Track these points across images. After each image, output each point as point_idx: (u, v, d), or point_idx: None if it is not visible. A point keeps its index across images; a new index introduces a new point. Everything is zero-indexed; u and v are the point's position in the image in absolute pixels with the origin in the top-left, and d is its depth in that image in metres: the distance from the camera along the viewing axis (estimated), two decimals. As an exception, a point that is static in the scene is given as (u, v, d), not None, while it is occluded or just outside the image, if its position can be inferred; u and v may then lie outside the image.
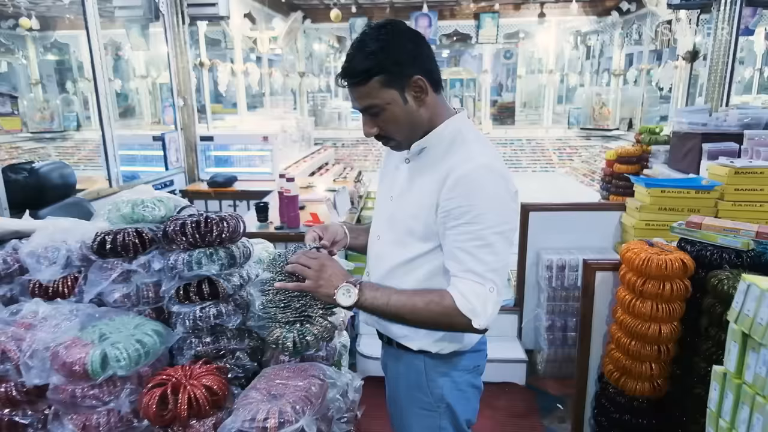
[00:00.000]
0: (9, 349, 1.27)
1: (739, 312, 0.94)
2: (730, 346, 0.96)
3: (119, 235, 1.45)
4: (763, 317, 0.85)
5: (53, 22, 9.15)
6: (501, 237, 1.15)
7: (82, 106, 10.36)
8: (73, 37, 9.63)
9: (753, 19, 7.23)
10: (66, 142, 9.63)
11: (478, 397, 1.43)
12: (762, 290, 0.88)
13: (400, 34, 1.15)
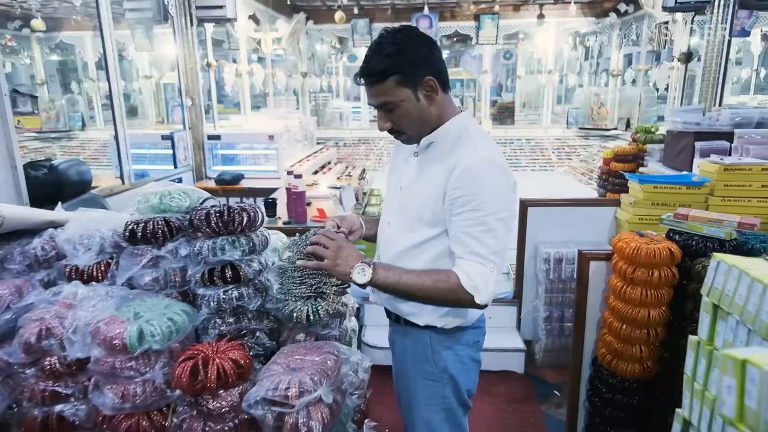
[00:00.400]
0: (53, 326, 1.39)
1: (710, 286, 1.06)
2: (703, 317, 1.08)
3: (149, 223, 1.57)
4: (729, 289, 0.98)
5: (59, 23, 9.28)
6: (502, 223, 1.28)
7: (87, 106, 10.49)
8: (78, 38, 9.75)
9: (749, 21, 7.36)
10: (71, 141, 9.76)
11: (477, 370, 1.55)
12: (729, 265, 1.00)
13: (414, 39, 1.28)
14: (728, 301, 0.99)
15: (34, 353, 1.40)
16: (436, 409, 1.48)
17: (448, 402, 1.48)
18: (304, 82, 9.18)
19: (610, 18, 8.18)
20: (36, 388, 1.40)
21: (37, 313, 1.43)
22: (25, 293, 1.51)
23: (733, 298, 0.97)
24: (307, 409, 1.35)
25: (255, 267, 1.62)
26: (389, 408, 2.68)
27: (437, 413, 1.49)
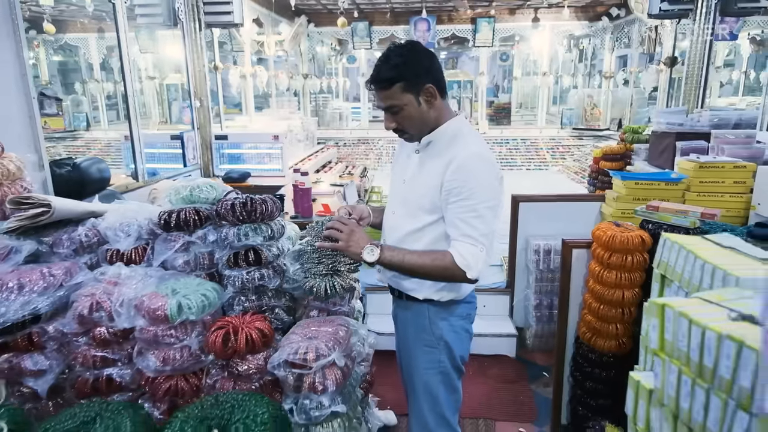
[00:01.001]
0: (102, 301, 1.61)
1: (659, 260, 1.28)
2: (653, 286, 1.30)
3: (181, 213, 1.79)
4: (672, 260, 1.20)
5: (64, 25, 9.46)
6: (490, 210, 1.51)
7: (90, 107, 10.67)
8: (82, 40, 9.93)
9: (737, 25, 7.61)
10: (76, 141, 9.94)
11: (469, 340, 1.77)
12: (672, 242, 1.22)
13: (417, 52, 1.52)
14: (671, 271, 1.22)
15: (86, 324, 1.62)
16: (434, 372, 1.71)
17: (444, 366, 1.71)
18: (305, 84, 9.40)
19: (602, 22, 8.42)
20: (87, 354, 1.62)
21: (87, 290, 1.65)
22: (74, 274, 1.72)
23: (674, 268, 1.20)
24: (322, 370, 1.58)
25: (274, 251, 1.84)
26: (392, 388, 2.91)
27: (435, 376, 1.71)
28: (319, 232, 1.66)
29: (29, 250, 1.74)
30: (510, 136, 9.31)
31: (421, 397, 1.76)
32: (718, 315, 0.84)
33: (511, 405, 2.89)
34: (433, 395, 1.73)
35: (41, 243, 1.80)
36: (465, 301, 1.71)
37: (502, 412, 2.82)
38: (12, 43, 2.82)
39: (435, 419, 1.74)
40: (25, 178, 2.10)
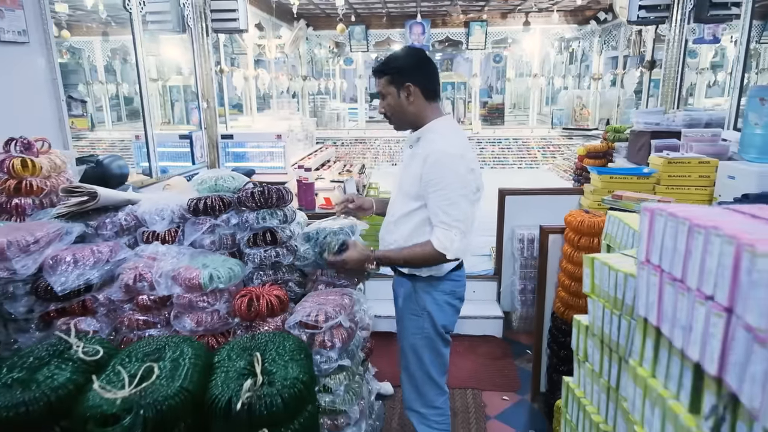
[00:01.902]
0: (144, 273, 1.90)
1: (606, 233, 1.59)
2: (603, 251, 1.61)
3: (207, 199, 2.08)
4: (613, 232, 1.50)
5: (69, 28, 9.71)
6: (463, 197, 1.80)
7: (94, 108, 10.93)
8: (87, 42, 10.19)
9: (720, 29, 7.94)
10: (80, 141, 10.19)
11: (454, 312, 2.05)
12: (614, 217, 1.52)
13: (409, 56, 1.85)
14: (613, 240, 1.52)
15: (130, 292, 1.91)
16: (419, 336, 2.02)
17: (428, 332, 2.01)
18: (304, 85, 9.69)
19: (590, 25, 8.75)
20: (132, 318, 1.91)
21: (131, 264, 1.94)
22: (117, 251, 2.01)
23: (615, 237, 1.50)
24: (330, 330, 1.88)
25: (287, 233, 2.14)
26: (389, 364, 3.21)
27: (420, 340, 2.02)
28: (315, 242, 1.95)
29: (78, 232, 2.04)
30: (502, 135, 9.62)
31: (410, 357, 2.07)
32: (629, 263, 1.14)
33: (496, 377, 3.20)
34: (418, 356, 2.04)
35: (87, 226, 2.09)
36: (449, 279, 1.99)
37: (488, 384, 3.13)
38: (44, 50, 3.11)
39: (422, 377, 2.06)
40: (68, 171, 2.39)
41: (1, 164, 2.15)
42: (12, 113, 2.88)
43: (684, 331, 0.76)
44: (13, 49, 2.86)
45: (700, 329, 0.71)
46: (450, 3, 7.91)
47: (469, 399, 2.98)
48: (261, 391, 1.10)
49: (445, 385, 2.15)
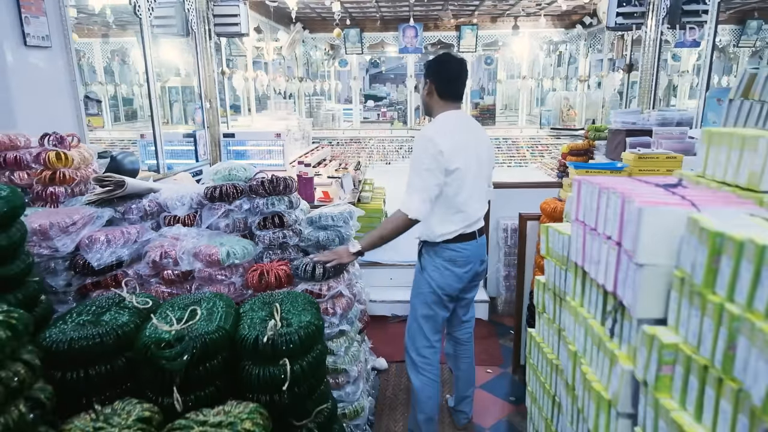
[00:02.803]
0: (169, 250, 2.17)
1: (566, 211, 1.88)
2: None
3: (222, 187, 2.36)
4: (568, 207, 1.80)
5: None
6: (427, 171, 2.16)
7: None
8: (87, 44, 10.40)
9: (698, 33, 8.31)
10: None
11: (453, 278, 2.33)
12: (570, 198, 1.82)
13: (438, 60, 2.34)
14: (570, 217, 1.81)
15: (157, 268, 2.18)
16: (416, 292, 2.39)
17: (424, 289, 2.35)
18: (300, 87, 9.96)
19: (577, 29, 9.07)
20: (158, 290, 2.18)
21: (157, 243, 2.21)
22: (143, 233, 2.28)
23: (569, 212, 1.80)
24: (332, 300, 2.17)
25: (293, 217, 2.42)
26: (384, 343, 3.51)
27: (417, 296, 2.39)
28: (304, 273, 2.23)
29: (108, 216, 2.31)
30: (493, 135, 9.91)
31: (411, 307, 2.44)
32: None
33: (482, 354, 3.48)
34: (415, 308, 2.41)
35: (116, 211, 2.36)
36: (448, 248, 2.31)
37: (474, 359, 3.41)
38: (64, 53, 3.37)
39: (415, 327, 2.42)
40: (94, 163, 2.66)
41: (38, 156, 2.42)
42: (36, 111, 3.14)
43: (595, 264, 1.04)
44: (37, 52, 3.13)
45: (604, 261, 1.00)
46: (441, 8, 8.21)
47: (456, 372, 3.26)
48: (281, 331, 1.37)
49: (436, 342, 2.44)
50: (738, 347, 0.66)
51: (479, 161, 2.34)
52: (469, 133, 2.33)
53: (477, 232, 2.38)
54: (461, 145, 2.23)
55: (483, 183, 2.42)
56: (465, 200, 2.27)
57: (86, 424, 1.00)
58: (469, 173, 2.27)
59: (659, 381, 0.82)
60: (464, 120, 2.40)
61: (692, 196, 0.92)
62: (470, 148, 2.29)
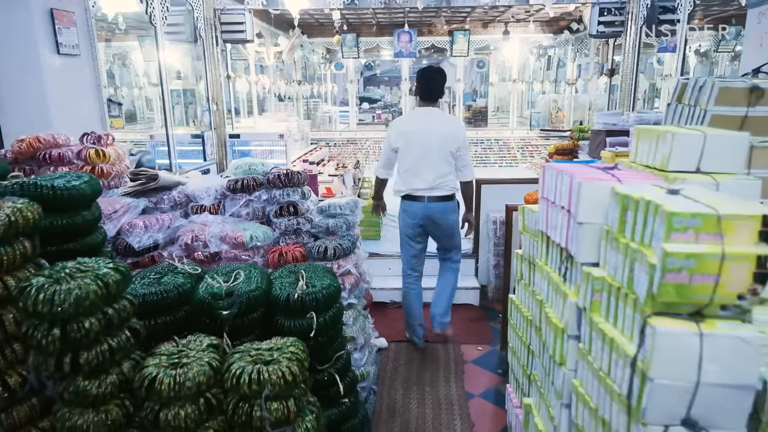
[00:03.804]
0: (199, 234, 2.49)
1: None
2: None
3: (243, 180, 2.68)
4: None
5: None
6: (387, 147, 3.29)
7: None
8: (90, 48, 10.64)
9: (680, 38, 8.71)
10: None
11: (406, 223, 3.36)
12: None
13: (420, 72, 3.24)
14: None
15: (188, 250, 2.50)
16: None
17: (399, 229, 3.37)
18: (299, 90, 10.28)
19: (564, 35, 9.46)
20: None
21: (187, 228, 2.53)
22: (175, 220, 2.60)
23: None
24: (342, 277, 2.49)
25: (305, 207, 2.75)
26: (384, 326, 3.83)
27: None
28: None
29: (143, 206, 2.62)
30: (485, 136, 10.28)
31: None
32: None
33: (473, 334, 3.82)
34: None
35: (149, 201, 2.68)
36: (404, 203, 3.35)
37: (467, 339, 3.75)
38: (91, 60, 3.69)
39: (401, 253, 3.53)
40: (126, 159, 2.98)
41: (80, 153, 2.72)
42: (67, 112, 3.45)
43: (554, 229, 1.38)
44: (68, 60, 3.43)
45: (559, 225, 1.33)
46: (435, 15, 8.56)
47: (450, 350, 3.60)
48: (308, 290, 1.69)
49: (408, 269, 3.53)
50: (635, 270, 0.99)
51: (426, 146, 3.15)
52: (423, 124, 3.18)
53: (426, 198, 3.24)
54: (406, 133, 3.19)
55: (429, 163, 3.17)
56: (407, 171, 3.23)
57: (170, 348, 1.31)
58: (411, 153, 3.18)
59: (592, 305, 1.15)
60: (425, 115, 3.22)
61: (620, 175, 1.25)
62: (417, 136, 3.17)
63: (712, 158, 1.20)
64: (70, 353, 1.13)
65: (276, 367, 1.22)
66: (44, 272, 1.16)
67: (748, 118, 1.53)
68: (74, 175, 1.63)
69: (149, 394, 1.19)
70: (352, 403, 1.83)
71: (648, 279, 0.92)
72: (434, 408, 2.94)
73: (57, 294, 1.08)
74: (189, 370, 1.20)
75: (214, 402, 1.24)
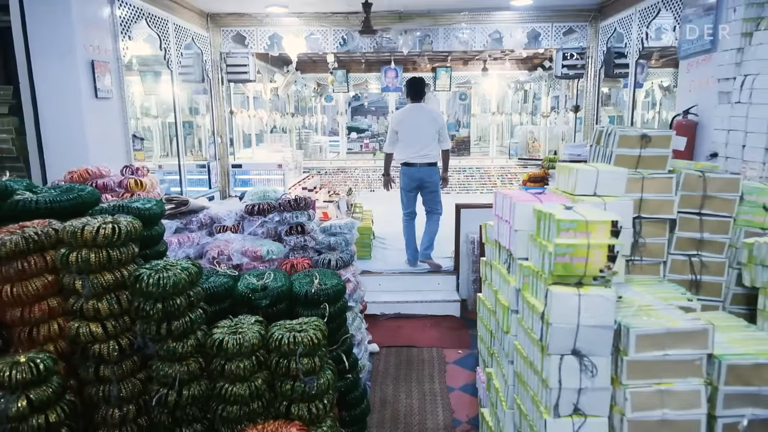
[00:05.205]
0: (223, 249, 3.01)
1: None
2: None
3: (258, 205, 3.22)
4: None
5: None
6: (391, 131, 4.93)
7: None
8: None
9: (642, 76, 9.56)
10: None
11: (404, 180, 4.89)
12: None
13: (408, 81, 5.00)
14: (505, 220, 2.73)
15: (214, 263, 3.02)
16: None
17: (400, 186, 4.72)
18: (292, 121, 10.92)
19: (538, 71, 10.28)
20: (215, 278, 3.01)
21: (214, 245, 3.05)
22: (202, 238, 3.12)
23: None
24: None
25: (311, 227, 3.29)
26: (377, 334, 4.32)
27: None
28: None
29: (176, 226, 3.15)
30: (467, 165, 10.96)
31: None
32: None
33: (455, 341, 4.34)
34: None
35: (180, 223, 3.20)
36: (403, 167, 4.85)
37: (448, 344, 4.26)
38: (120, 102, 4.25)
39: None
40: (157, 187, 3.50)
41: (121, 182, 3.25)
42: (101, 147, 3.97)
43: (502, 237, 1.94)
44: (103, 102, 3.99)
45: (505, 233, 1.89)
46: (418, 55, 9.32)
47: (434, 353, 4.11)
48: (321, 287, 2.22)
49: (406, 213, 4.97)
50: (543, 257, 1.54)
51: (417, 130, 4.74)
52: (413, 115, 4.78)
53: (418, 165, 4.76)
54: (403, 120, 4.79)
55: (421, 140, 4.74)
56: (404, 147, 4.78)
57: (228, 323, 1.82)
58: (407, 134, 4.76)
59: (524, 286, 1.69)
60: (416, 109, 4.82)
61: (543, 198, 1.82)
62: (410, 122, 4.75)
63: (603, 186, 1.77)
64: (165, 322, 1.63)
65: (305, 333, 1.73)
66: (146, 266, 1.68)
67: (641, 157, 2.11)
68: (145, 199, 2.15)
69: (218, 352, 1.69)
70: (355, 378, 2.33)
71: (548, 261, 1.46)
72: (420, 399, 3.44)
73: (161, 279, 1.59)
74: (245, 335, 1.70)
75: (262, 359, 1.74)
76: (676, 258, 2.17)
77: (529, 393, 1.66)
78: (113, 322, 1.64)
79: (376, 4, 5.46)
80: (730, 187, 2.15)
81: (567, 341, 1.44)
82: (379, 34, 6.10)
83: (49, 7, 3.56)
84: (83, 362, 1.68)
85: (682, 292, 1.86)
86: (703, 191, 2.15)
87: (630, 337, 1.42)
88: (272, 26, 6.11)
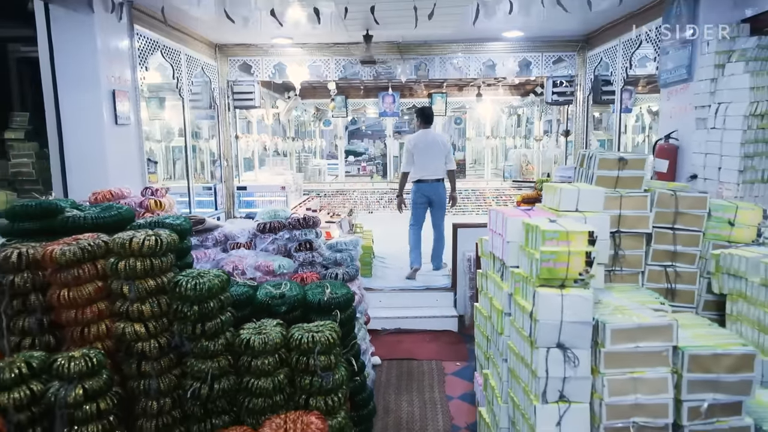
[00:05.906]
0: (238, 264, 3.23)
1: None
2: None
3: (269, 223, 3.46)
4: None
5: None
6: (406, 152, 5.52)
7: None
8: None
9: (630, 101, 9.96)
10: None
11: (416, 195, 5.51)
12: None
13: (417, 110, 5.71)
14: (499, 236, 2.98)
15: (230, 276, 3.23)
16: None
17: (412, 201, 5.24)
18: (293, 145, 11.23)
19: (530, 97, 10.68)
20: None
21: (229, 260, 3.27)
22: (218, 254, 3.35)
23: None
24: (349, 296, 3.23)
25: (318, 243, 3.53)
26: (378, 348, 4.51)
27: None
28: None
29: (193, 243, 3.37)
30: (462, 187, 11.25)
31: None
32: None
33: (453, 354, 4.54)
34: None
35: (197, 240, 3.43)
36: (416, 185, 5.50)
37: (447, 357, 4.46)
38: (137, 128, 4.52)
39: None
40: (175, 207, 3.74)
41: (142, 203, 3.49)
42: (119, 170, 4.22)
43: (496, 249, 2.18)
44: (122, 128, 4.25)
45: (498, 245, 2.14)
46: (415, 82, 9.69)
47: (433, 365, 4.30)
48: (332, 296, 2.44)
49: (414, 224, 5.54)
50: (531, 264, 1.78)
51: (430, 152, 5.38)
52: (425, 139, 5.42)
53: (430, 181, 5.44)
54: (417, 144, 5.38)
55: (433, 161, 5.42)
56: (419, 167, 5.40)
57: (252, 325, 2.04)
58: (421, 156, 5.36)
59: (515, 291, 1.93)
60: (427, 134, 5.48)
61: (532, 213, 2.07)
62: (423, 145, 5.37)
63: (584, 203, 2.02)
64: (200, 323, 1.85)
65: (322, 334, 1.95)
66: (182, 273, 1.90)
67: (619, 178, 2.38)
68: (174, 216, 2.39)
69: (245, 350, 1.90)
70: (362, 381, 2.53)
71: (535, 266, 1.70)
72: (421, 407, 3.63)
73: (198, 284, 1.81)
74: (269, 335, 1.92)
75: (283, 356, 1.96)
76: (652, 268, 2.42)
77: (521, 385, 1.88)
78: (154, 323, 1.86)
79: (375, 36, 5.81)
80: (699, 204, 2.42)
81: (552, 336, 1.67)
82: (378, 63, 6.45)
83: (75, 40, 3.85)
84: (127, 359, 1.89)
85: (656, 297, 2.10)
86: (675, 208, 2.41)
87: (606, 331, 1.66)
88: (277, 56, 6.45)
